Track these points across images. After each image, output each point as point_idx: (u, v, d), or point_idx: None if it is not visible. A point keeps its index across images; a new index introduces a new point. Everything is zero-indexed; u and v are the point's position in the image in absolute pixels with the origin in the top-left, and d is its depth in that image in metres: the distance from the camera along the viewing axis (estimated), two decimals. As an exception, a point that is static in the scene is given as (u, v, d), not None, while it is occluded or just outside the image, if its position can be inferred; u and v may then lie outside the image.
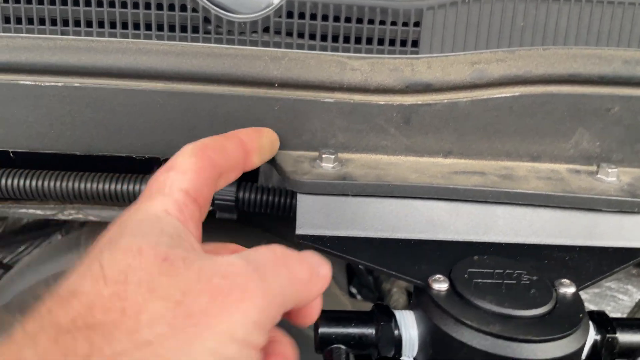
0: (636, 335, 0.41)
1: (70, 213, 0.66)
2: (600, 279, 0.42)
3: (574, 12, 0.47)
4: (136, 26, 0.46)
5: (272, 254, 0.32)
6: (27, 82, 0.46)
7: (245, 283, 0.29)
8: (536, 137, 0.49)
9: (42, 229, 1.14)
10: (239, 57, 0.46)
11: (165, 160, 0.38)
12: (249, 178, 0.59)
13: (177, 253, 0.30)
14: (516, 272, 0.41)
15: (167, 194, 0.34)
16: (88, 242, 0.79)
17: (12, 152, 0.49)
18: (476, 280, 0.39)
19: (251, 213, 0.59)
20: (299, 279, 0.32)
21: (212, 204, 0.57)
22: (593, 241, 0.46)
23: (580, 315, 0.37)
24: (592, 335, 0.40)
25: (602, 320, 0.41)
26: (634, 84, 0.47)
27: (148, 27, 0.46)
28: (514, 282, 0.40)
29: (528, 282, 0.40)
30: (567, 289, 0.39)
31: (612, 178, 0.47)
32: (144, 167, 0.56)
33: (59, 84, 0.46)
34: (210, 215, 0.49)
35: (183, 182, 0.35)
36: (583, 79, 0.47)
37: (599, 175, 0.48)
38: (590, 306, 0.92)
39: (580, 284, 0.40)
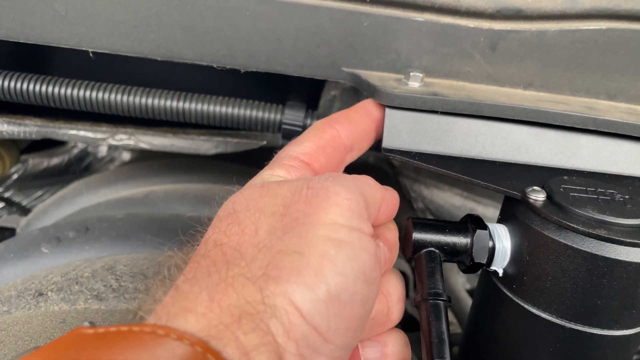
0: None
1: (121, 138, 0.65)
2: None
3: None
4: None
5: (344, 173, 0.39)
6: (117, -22, 0.45)
7: (326, 187, 0.34)
8: (616, 74, 0.50)
9: (60, 175, 1.13)
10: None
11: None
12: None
13: (272, 181, 0.37)
14: (608, 190, 0.41)
15: (279, 159, 0.40)
16: (117, 179, 0.78)
17: (92, 52, 0.48)
18: (572, 194, 0.40)
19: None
20: (370, 184, 0.38)
21: (279, 129, 0.57)
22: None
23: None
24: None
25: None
26: None
27: None
28: (609, 197, 0.40)
29: (622, 199, 0.40)
30: (662, 207, 0.40)
31: (691, 116, 0.48)
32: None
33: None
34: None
35: (296, 150, 0.41)
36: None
37: (677, 113, 0.49)
38: None
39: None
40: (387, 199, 0.39)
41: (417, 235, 0.40)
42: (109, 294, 0.48)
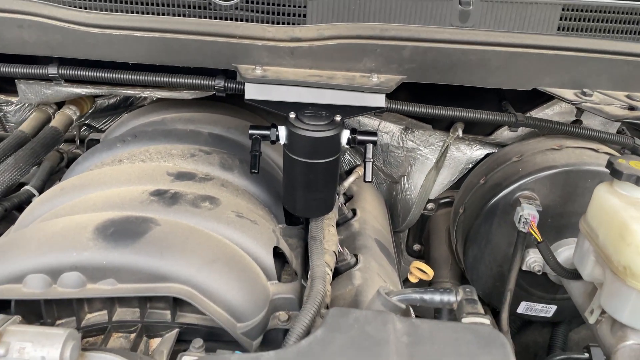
0: (366, 136, 1.11)
1: (146, 93, 1.37)
2: (356, 115, 1.12)
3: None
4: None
5: None
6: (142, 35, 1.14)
7: None
8: (347, 61, 1.17)
9: (115, 109, 1.87)
10: (219, 25, 1.13)
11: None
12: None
13: None
14: (323, 111, 1.10)
15: None
16: (146, 111, 1.50)
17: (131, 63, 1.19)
18: (306, 113, 1.09)
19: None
20: None
21: (213, 89, 1.26)
22: (360, 103, 1.14)
23: (337, 125, 1.07)
24: (347, 135, 1.11)
25: (353, 130, 1.11)
26: (387, 38, 1.13)
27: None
28: (320, 114, 1.09)
29: (324, 116, 1.09)
30: (337, 117, 1.09)
31: (375, 79, 1.15)
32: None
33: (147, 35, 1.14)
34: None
35: None
36: (364, 37, 1.14)
37: (370, 78, 1.16)
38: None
39: (346, 116, 1.10)
40: None
41: (251, 131, 1.11)
42: (146, 158, 1.21)
